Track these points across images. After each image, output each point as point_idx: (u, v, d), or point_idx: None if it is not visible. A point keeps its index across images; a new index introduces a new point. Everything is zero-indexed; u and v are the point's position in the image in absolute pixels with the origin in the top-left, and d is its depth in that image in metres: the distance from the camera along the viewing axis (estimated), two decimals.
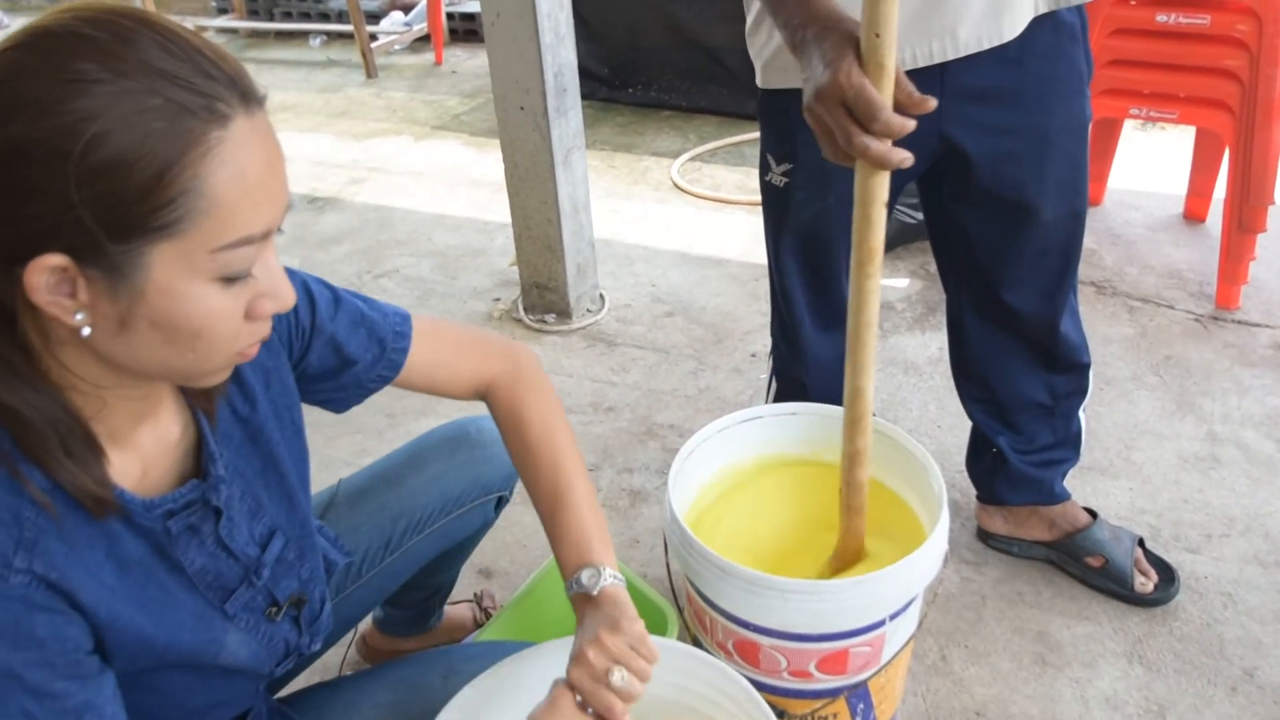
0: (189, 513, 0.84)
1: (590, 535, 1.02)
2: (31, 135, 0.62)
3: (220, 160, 0.66)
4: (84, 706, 0.73)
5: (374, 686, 1.11)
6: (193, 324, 0.70)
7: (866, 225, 1.02)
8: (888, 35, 0.92)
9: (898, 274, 2.79)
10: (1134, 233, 2.91)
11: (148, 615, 0.80)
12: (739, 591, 1.15)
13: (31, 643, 0.71)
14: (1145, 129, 3.63)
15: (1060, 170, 1.42)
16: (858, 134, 0.95)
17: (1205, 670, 1.55)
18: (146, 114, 0.63)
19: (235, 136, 0.67)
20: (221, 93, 0.66)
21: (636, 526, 1.93)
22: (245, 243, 0.69)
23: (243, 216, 0.68)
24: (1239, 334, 2.40)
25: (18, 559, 0.70)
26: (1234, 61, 2.37)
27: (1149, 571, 1.69)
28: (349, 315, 1.02)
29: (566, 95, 2.43)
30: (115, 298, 0.67)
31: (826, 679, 1.22)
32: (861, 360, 1.10)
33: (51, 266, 0.64)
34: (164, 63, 0.64)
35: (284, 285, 0.75)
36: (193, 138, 0.64)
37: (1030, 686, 1.55)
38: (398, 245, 3.24)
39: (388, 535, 1.28)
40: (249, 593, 0.91)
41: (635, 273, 2.94)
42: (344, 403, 1.08)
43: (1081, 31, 1.37)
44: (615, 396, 2.35)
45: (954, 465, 1.95)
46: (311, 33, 5.78)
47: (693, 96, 4.13)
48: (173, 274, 0.67)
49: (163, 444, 0.84)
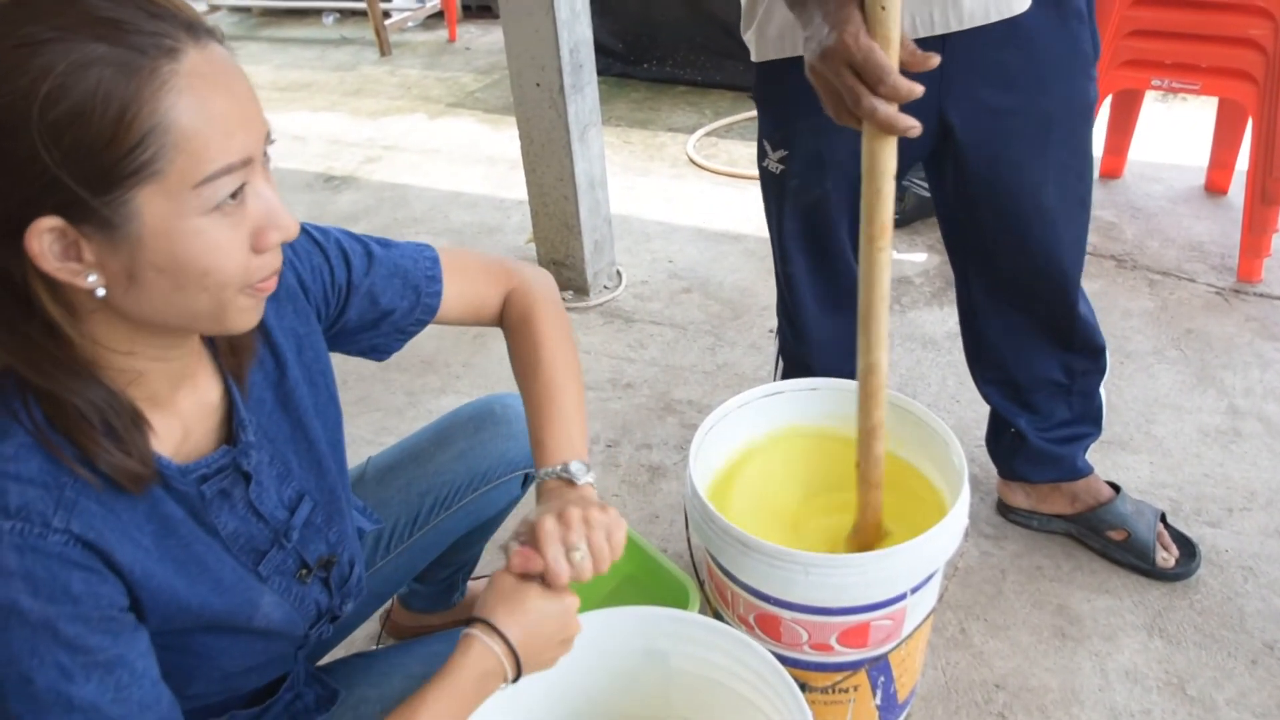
0: (221, 477, 0.86)
1: (579, 436, 1.05)
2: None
3: (177, 92, 0.66)
4: (116, 660, 0.75)
5: (406, 659, 1.12)
6: (198, 262, 0.70)
7: (877, 199, 1.01)
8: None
9: (915, 248, 2.78)
10: (1155, 205, 2.89)
11: (184, 577, 0.82)
12: (760, 565, 1.16)
13: (67, 598, 0.72)
14: (1166, 100, 3.58)
15: (1061, 154, 1.39)
16: (866, 96, 0.93)
17: (1225, 643, 1.56)
18: (96, 62, 0.63)
19: (189, 68, 0.67)
20: (167, 29, 0.66)
21: (656, 502, 1.94)
22: (226, 172, 0.69)
23: (216, 146, 0.68)
24: (1261, 307, 2.39)
25: (56, 518, 0.72)
26: (1258, 30, 2.33)
27: (1171, 546, 1.68)
28: (384, 268, 1.04)
29: (583, 71, 2.42)
30: (117, 251, 0.68)
31: (848, 652, 1.23)
32: (875, 335, 1.10)
33: (47, 229, 0.65)
34: (107, 11, 0.65)
35: (283, 215, 0.75)
36: (144, 75, 0.65)
37: (1050, 660, 1.55)
38: (414, 223, 3.24)
39: (415, 511, 1.30)
40: (280, 555, 0.93)
41: (652, 249, 2.94)
42: (385, 350, 1.11)
43: (1088, 11, 1.34)
44: (633, 373, 2.35)
45: (973, 439, 1.95)
46: (325, 10, 5.76)
47: (708, 71, 4.10)
48: (164, 216, 0.68)
49: (202, 407, 0.86)
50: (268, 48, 5.40)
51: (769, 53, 1.38)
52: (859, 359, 1.13)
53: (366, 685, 1.09)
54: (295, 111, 4.37)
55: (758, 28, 1.38)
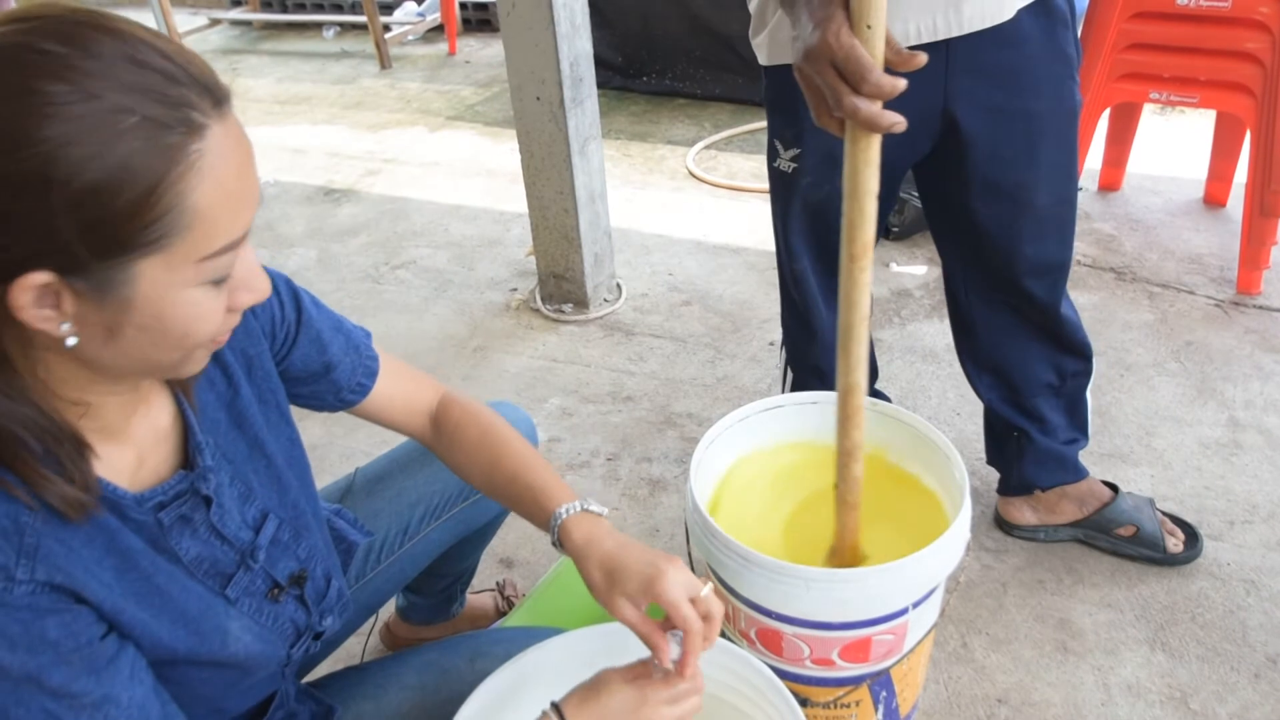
0: (180, 503, 0.84)
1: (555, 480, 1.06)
2: (7, 166, 0.60)
3: (200, 175, 0.66)
4: (103, 700, 0.74)
5: (401, 669, 1.12)
6: (181, 326, 0.71)
7: (860, 218, 1.01)
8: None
9: (915, 261, 2.78)
10: (1154, 218, 2.89)
11: (149, 609, 0.80)
12: (762, 580, 1.15)
13: (45, 645, 0.71)
14: (1164, 113, 3.60)
15: (1053, 155, 1.44)
16: (847, 95, 0.93)
17: (1228, 657, 1.55)
18: (125, 134, 0.62)
19: (212, 147, 0.66)
20: (193, 100, 0.66)
21: (656, 515, 1.93)
22: (229, 249, 0.70)
23: (224, 225, 0.69)
24: (1260, 319, 2.39)
25: (19, 570, 0.70)
26: (1256, 44, 2.34)
27: (1175, 531, 1.73)
28: (328, 319, 1.05)
29: (582, 85, 2.42)
30: (102, 308, 0.67)
31: (849, 667, 1.23)
32: (854, 355, 1.10)
33: (37, 285, 0.64)
34: (132, 74, 0.63)
35: (260, 276, 0.76)
36: (173, 155, 0.64)
37: (1052, 674, 1.55)
38: (414, 236, 3.24)
39: (406, 521, 1.30)
40: (247, 576, 0.91)
41: (652, 262, 2.94)
42: (323, 407, 1.10)
43: (1071, 18, 1.40)
44: (633, 386, 2.35)
45: (974, 452, 1.94)
46: (325, 24, 5.78)
47: (707, 84, 4.12)
48: (160, 285, 0.68)
49: (155, 432, 0.84)
50: (268, 61, 5.41)
51: (782, 57, 1.41)
52: (838, 379, 1.13)
53: (363, 699, 1.08)
54: (295, 124, 4.38)
55: (770, 33, 1.41)
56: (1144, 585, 1.69)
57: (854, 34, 0.92)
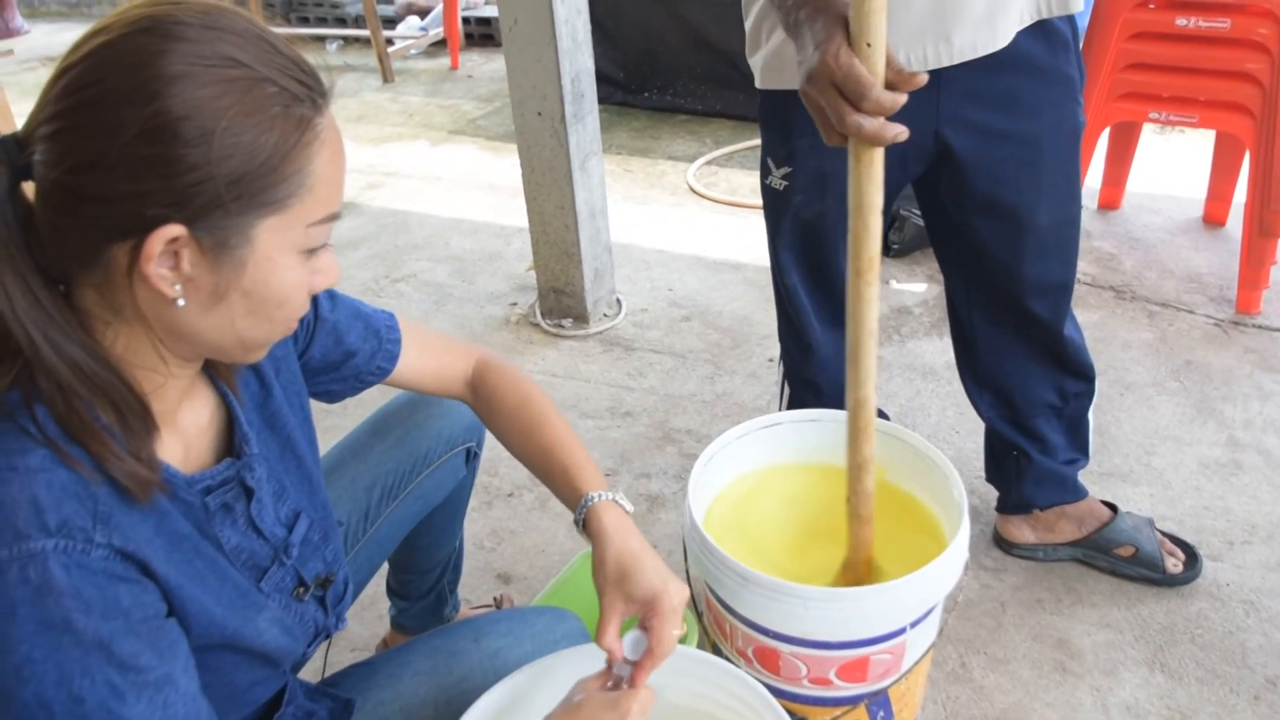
0: (225, 490, 0.87)
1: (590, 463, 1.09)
2: (174, 118, 0.67)
3: (322, 143, 0.75)
4: (164, 679, 0.74)
5: (410, 657, 1.12)
6: (281, 293, 0.77)
7: (865, 233, 1.01)
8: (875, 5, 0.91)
9: (915, 278, 2.79)
10: (1153, 237, 2.90)
11: (202, 589, 0.82)
12: (759, 599, 1.15)
13: (118, 612, 0.72)
14: (1164, 132, 3.61)
15: (1054, 176, 1.44)
16: (850, 113, 0.94)
17: (1228, 679, 1.54)
18: (269, 100, 0.71)
19: (328, 123, 0.76)
20: (316, 87, 0.75)
21: (654, 532, 1.93)
22: (332, 218, 0.78)
23: (334, 194, 0.77)
24: (1260, 339, 2.39)
25: (97, 533, 0.72)
26: (1255, 65, 2.35)
27: (1175, 551, 1.72)
28: (346, 308, 1.08)
29: (584, 101, 2.43)
30: (218, 269, 0.73)
31: (847, 686, 1.22)
32: (863, 369, 1.10)
33: (170, 236, 0.69)
34: (268, 54, 0.72)
35: (335, 265, 0.83)
36: (304, 125, 0.73)
37: (1050, 694, 1.54)
38: (415, 250, 3.25)
39: (365, 506, 1.30)
40: (280, 572, 0.93)
41: (652, 277, 2.94)
42: (339, 395, 1.13)
43: (1073, 40, 1.40)
44: (632, 401, 2.35)
45: (973, 470, 1.94)
46: (328, 38, 5.81)
47: (708, 100, 4.13)
48: (273, 245, 0.74)
49: (197, 425, 0.87)
50: None
51: (773, 81, 1.42)
52: (847, 394, 1.13)
53: (378, 689, 1.09)
54: None
55: (764, 57, 1.42)
56: (1143, 605, 1.68)
57: (854, 53, 0.93)
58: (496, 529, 1.96)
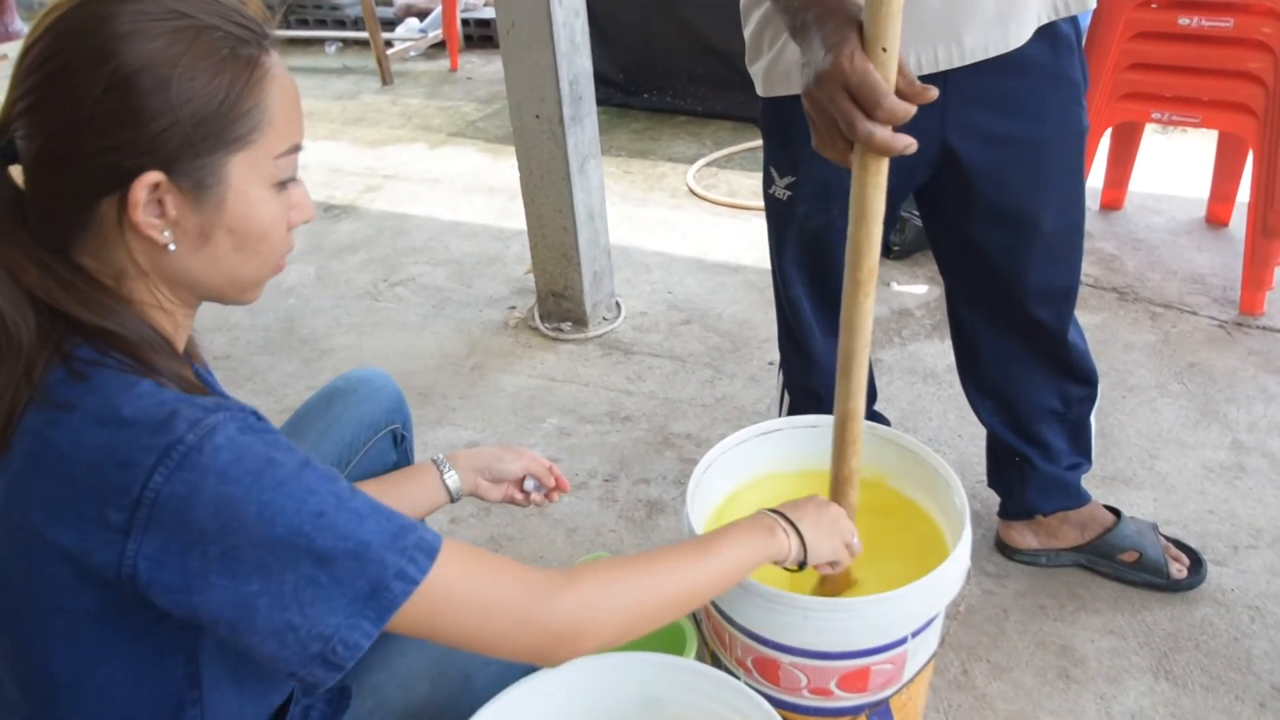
0: None
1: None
2: (133, 70, 0.73)
3: (273, 79, 0.80)
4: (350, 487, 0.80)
5: (399, 640, 1.09)
6: (261, 226, 0.83)
7: (867, 243, 1.00)
8: (892, 8, 0.89)
9: (916, 280, 2.77)
10: (1156, 238, 2.88)
11: None
12: (759, 608, 1.14)
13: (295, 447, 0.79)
14: (1166, 132, 3.59)
15: (1059, 181, 1.43)
16: (861, 120, 0.91)
17: (1233, 685, 1.53)
18: (218, 45, 0.77)
19: (275, 62, 0.82)
20: (255, 28, 0.80)
21: (654, 538, 1.91)
22: (295, 150, 0.84)
23: (293, 127, 0.83)
24: (1264, 340, 2.37)
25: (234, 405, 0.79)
26: (1258, 64, 2.34)
27: (1180, 556, 1.70)
28: None
29: (582, 103, 2.42)
30: (199, 209, 0.79)
31: (848, 697, 1.21)
32: (854, 382, 1.08)
33: (151, 184, 0.75)
34: (212, 4, 0.78)
35: (308, 199, 0.88)
36: (252, 64, 0.79)
37: (1054, 702, 1.52)
38: (413, 253, 3.24)
39: None
40: None
41: (651, 280, 2.93)
42: None
43: (1077, 42, 1.38)
44: (632, 405, 2.34)
45: (975, 475, 1.93)
46: (327, 40, 5.80)
47: (708, 102, 4.12)
48: (246, 180, 0.80)
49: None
50: None
51: (777, 88, 1.40)
52: (836, 405, 1.11)
53: (374, 673, 1.08)
54: None
55: (766, 64, 1.40)
56: (1147, 612, 1.66)
57: (868, 57, 0.90)
58: (495, 535, 1.94)
